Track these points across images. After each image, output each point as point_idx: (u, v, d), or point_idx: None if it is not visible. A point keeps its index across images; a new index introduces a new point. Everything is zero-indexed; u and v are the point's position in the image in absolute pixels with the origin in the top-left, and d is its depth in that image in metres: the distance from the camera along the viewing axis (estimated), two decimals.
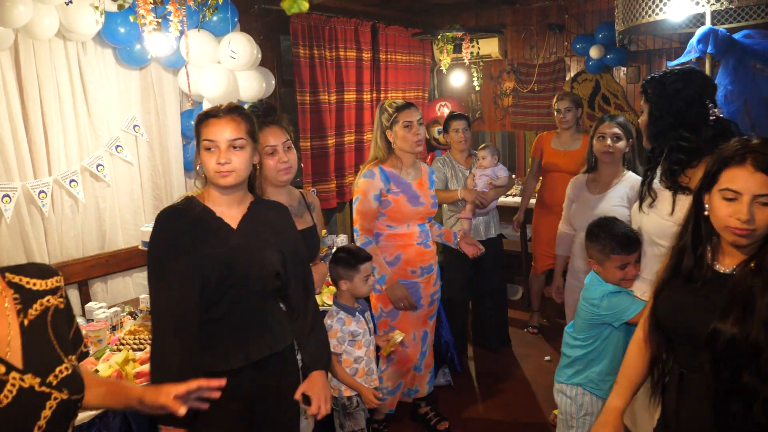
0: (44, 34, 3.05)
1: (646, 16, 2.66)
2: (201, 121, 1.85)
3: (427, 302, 3.07)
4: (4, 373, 1.15)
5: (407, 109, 2.92)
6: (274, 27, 4.54)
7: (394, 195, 2.91)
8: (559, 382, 2.42)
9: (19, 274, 1.29)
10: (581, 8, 5.42)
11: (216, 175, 1.81)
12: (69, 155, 3.41)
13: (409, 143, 2.90)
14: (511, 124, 6.12)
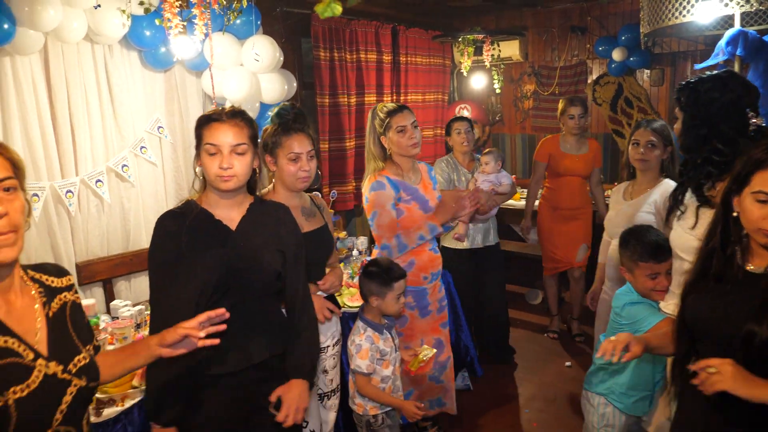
0: (73, 38, 3.11)
1: (673, 18, 2.63)
2: (203, 124, 1.84)
3: (436, 308, 3.01)
4: (32, 360, 1.24)
5: (400, 112, 2.82)
6: (295, 30, 4.58)
7: (406, 203, 2.83)
8: (585, 389, 2.39)
9: (39, 272, 1.40)
10: (604, 10, 5.38)
11: (217, 180, 1.81)
12: (95, 156, 3.47)
13: (404, 147, 2.81)
14: (531, 127, 6.10)
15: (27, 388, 1.20)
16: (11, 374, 1.19)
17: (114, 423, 2.09)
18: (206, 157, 1.82)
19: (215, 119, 1.83)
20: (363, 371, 2.42)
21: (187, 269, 1.78)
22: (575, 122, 4.18)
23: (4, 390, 1.17)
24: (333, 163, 4.88)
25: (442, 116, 6.07)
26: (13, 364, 1.20)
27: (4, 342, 1.21)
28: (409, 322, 2.93)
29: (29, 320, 1.29)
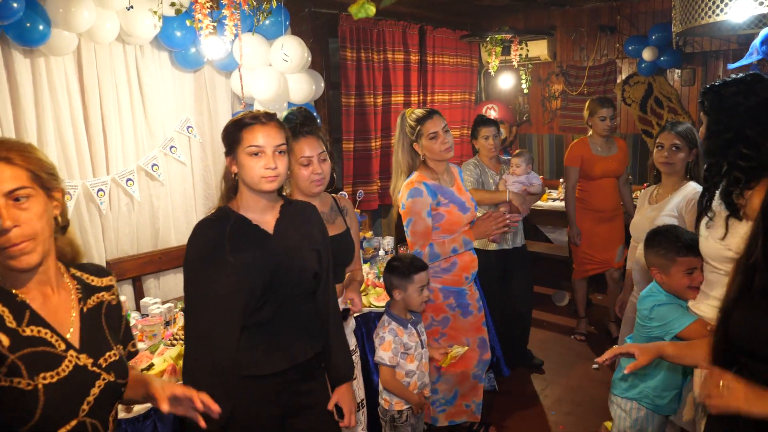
0: (106, 38, 3.17)
1: (706, 17, 2.57)
2: (244, 126, 1.82)
3: (476, 308, 3.01)
4: (64, 350, 1.30)
5: (430, 118, 2.81)
6: (323, 30, 4.60)
7: (445, 207, 2.82)
8: (614, 394, 2.34)
9: (81, 271, 1.45)
10: (634, 9, 5.30)
11: (262, 180, 1.81)
12: (126, 155, 3.53)
13: (438, 153, 2.80)
14: (558, 127, 6.04)
15: (57, 375, 1.25)
16: (42, 361, 1.25)
17: (144, 419, 2.12)
18: (248, 158, 1.80)
19: (256, 121, 1.82)
20: (386, 362, 2.45)
21: (232, 275, 1.78)
22: (606, 124, 4.12)
23: (34, 375, 1.22)
24: (358, 163, 4.89)
25: (469, 116, 6.04)
26: (45, 353, 1.26)
27: (37, 332, 1.27)
28: (451, 322, 2.94)
29: (64, 314, 1.34)
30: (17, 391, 1.20)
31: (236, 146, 1.82)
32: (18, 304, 1.26)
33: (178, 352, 2.38)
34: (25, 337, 1.24)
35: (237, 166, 1.84)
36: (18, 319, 1.25)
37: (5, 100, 2.99)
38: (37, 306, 1.29)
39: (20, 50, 3.01)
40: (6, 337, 1.21)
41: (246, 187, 1.86)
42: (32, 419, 1.21)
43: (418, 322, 2.62)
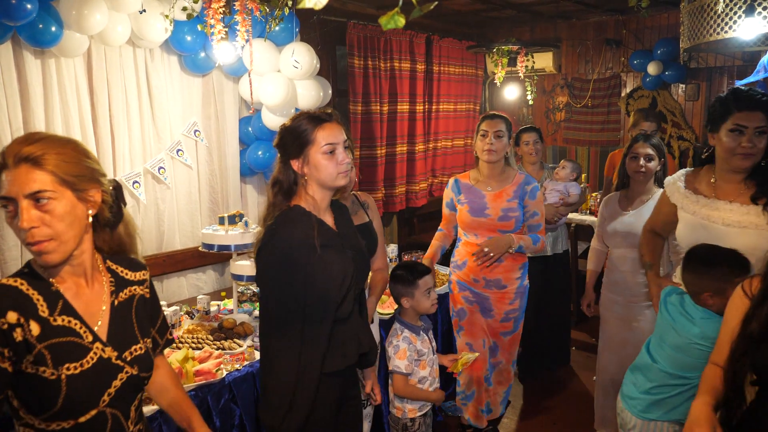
0: (117, 41, 3.19)
1: (714, 33, 2.59)
2: (316, 125, 1.82)
3: (500, 317, 3.02)
4: (90, 342, 1.33)
5: (490, 119, 2.98)
6: (330, 37, 4.62)
7: (461, 205, 3.02)
8: (646, 419, 2.14)
9: (117, 264, 1.48)
10: (640, 23, 5.34)
11: (339, 176, 1.85)
12: (133, 157, 3.54)
13: (478, 150, 2.99)
14: (562, 139, 6.06)
15: (80, 366, 1.29)
16: (68, 352, 1.29)
17: (150, 421, 2.11)
18: (323, 157, 1.81)
19: (326, 120, 1.85)
20: (402, 371, 2.46)
21: (325, 273, 1.80)
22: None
23: (59, 365, 1.26)
24: (364, 171, 4.91)
25: (473, 126, 6.05)
26: (72, 343, 1.30)
27: (67, 322, 1.31)
28: (468, 315, 3.02)
29: (95, 306, 1.38)
30: (41, 379, 1.25)
31: (307, 147, 1.82)
32: (52, 293, 1.31)
33: (185, 355, 2.37)
34: (54, 327, 1.28)
35: (309, 167, 1.83)
36: (51, 308, 1.29)
37: (15, 100, 3.01)
38: (71, 296, 1.33)
39: (31, 51, 3.03)
40: (37, 325, 1.25)
41: (318, 187, 1.86)
42: (54, 407, 1.26)
43: (429, 328, 2.63)
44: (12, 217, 1.25)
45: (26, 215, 1.24)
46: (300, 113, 1.90)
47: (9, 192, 1.24)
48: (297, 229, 1.80)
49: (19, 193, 1.24)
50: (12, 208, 1.25)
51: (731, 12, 2.45)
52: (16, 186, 1.24)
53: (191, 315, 3.04)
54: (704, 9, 2.59)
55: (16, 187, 1.24)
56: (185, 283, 3.91)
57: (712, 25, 2.57)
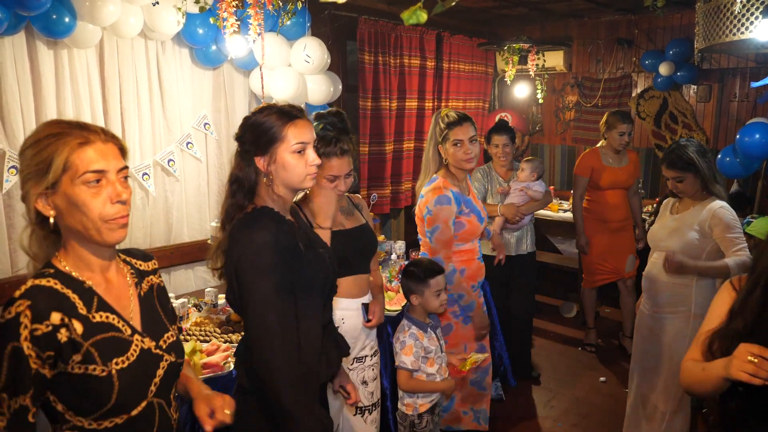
0: (129, 33, 3.19)
1: (730, 34, 2.58)
2: (287, 121, 1.66)
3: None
4: (130, 335, 1.34)
5: (459, 125, 2.75)
6: (341, 32, 4.61)
7: (466, 216, 2.82)
8: None
9: (129, 256, 1.50)
10: (652, 23, 5.31)
11: (307, 178, 1.70)
12: (143, 149, 3.55)
13: (458, 161, 2.78)
14: (571, 139, 6.04)
15: (127, 360, 1.30)
16: (113, 347, 1.29)
17: None
18: (292, 156, 1.67)
19: (297, 116, 1.69)
20: (407, 367, 2.46)
21: (309, 278, 1.72)
22: (624, 139, 4.12)
23: (108, 361, 1.26)
24: (372, 166, 4.90)
25: (482, 124, 6.05)
26: (115, 338, 1.30)
27: (105, 317, 1.31)
28: (453, 330, 2.95)
29: (125, 298, 1.38)
30: (93, 377, 1.24)
31: (275, 144, 1.66)
32: (86, 291, 1.30)
33: (192, 347, 2.38)
34: (95, 324, 1.28)
35: (274, 165, 1.68)
36: (87, 305, 1.29)
37: (28, 90, 3.01)
38: (102, 292, 1.33)
39: (44, 42, 3.03)
40: (80, 324, 1.25)
41: (282, 187, 1.71)
42: (108, 404, 1.26)
43: (437, 326, 2.63)
44: (95, 194, 1.26)
45: (123, 188, 1.29)
46: (268, 105, 1.73)
47: (103, 165, 1.27)
48: (277, 231, 1.65)
49: (112, 167, 1.28)
50: (101, 182, 1.27)
51: (748, 13, 2.43)
52: (110, 160, 1.28)
53: (199, 307, 3.05)
54: (720, 9, 2.58)
55: (110, 161, 1.28)
56: (193, 276, 3.92)
57: (728, 25, 2.56)
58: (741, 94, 4.97)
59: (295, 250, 1.69)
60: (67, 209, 1.26)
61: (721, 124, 5.12)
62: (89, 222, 1.26)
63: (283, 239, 1.65)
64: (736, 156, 3.74)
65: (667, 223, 2.86)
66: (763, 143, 3.51)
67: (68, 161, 1.24)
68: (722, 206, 2.67)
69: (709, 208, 2.68)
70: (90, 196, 1.26)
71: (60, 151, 1.24)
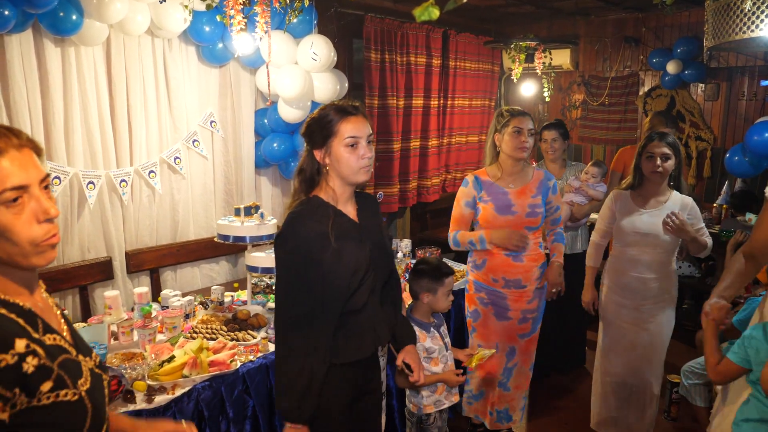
0: (136, 30, 3.19)
1: (740, 32, 2.55)
2: (341, 117, 1.83)
3: (517, 318, 2.98)
4: (76, 355, 1.17)
5: (522, 116, 2.90)
6: (347, 30, 4.61)
7: (484, 203, 2.92)
8: None
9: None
10: (660, 21, 5.28)
11: (361, 171, 1.85)
12: (150, 147, 3.55)
13: (509, 147, 2.87)
14: (578, 137, 6.02)
15: (86, 381, 1.15)
16: (72, 368, 1.13)
17: (164, 410, 2.13)
18: (345, 150, 1.82)
19: (351, 113, 1.84)
20: None
21: (337, 264, 1.82)
22: None
23: (75, 382, 1.11)
24: (379, 165, 4.90)
25: (488, 122, 6.04)
26: (69, 360, 1.14)
27: (54, 339, 1.13)
28: (482, 318, 2.98)
29: (55, 318, 1.20)
30: (64, 404, 1.08)
31: (331, 138, 1.83)
32: (27, 313, 1.10)
33: (199, 345, 2.38)
34: (50, 346, 1.10)
35: (331, 158, 1.84)
36: (35, 328, 1.10)
37: (35, 87, 3.02)
38: (39, 312, 1.14)
39: (52, 39, 3.04)
40: (40, 348, 1.07)
41: (338, 179, 1.87)
42: (83, 430, 1.12)
43: (441, 325, 2.62)
44: (17, 214, 1.05)
45: (48, 202, 1.08)
46: (329, 104, 1.90)
47: (23, 179, 1.04)
48: (312, 221, 1.82)
49: (33, 179, 1.07)
50: (22, 199, 1.05)
51: (758, 11, 2.41)
52: (29, 170, 1.06)
53: (205, 305, 3.05)
54: (730, 7, 2.55)
55: (29, 172, 1.06)
56: (198, 273, 3.93)
57: (738, 23, 2.54)
58: (749, 93, 4.94)
59: (324, 240, 1.80)
60: None
61: (729, 123, 5.09)
62: (14, 248, 1.05)
63: (315, 227, 1.81)
64: (744, 155, 3.72)
65: (640, 217, 2.89)
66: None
67: None
68: (690, 199, 2.91)
69: (685, 202, 2.87)
70: (12, 219, 1.04)
71: None
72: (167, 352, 2.38)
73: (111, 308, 2.79)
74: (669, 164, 2.85)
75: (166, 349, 2.42)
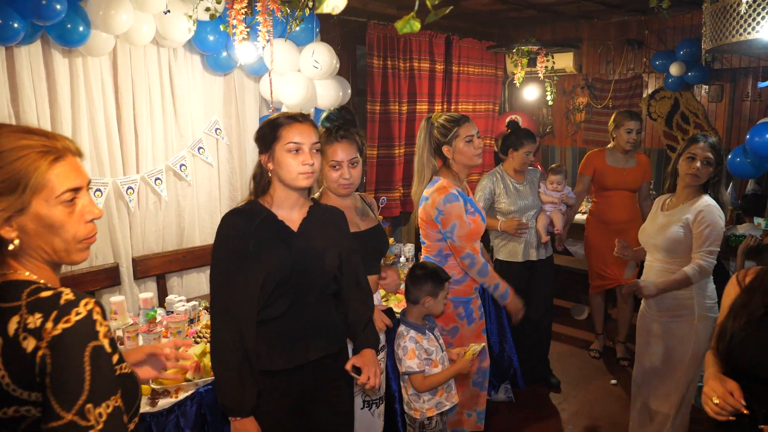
0: (142, 41, 3.25)
1: (737, 35, 2.58)
2: (282, 124, 1.90)
3: (478, 315, 3.03)
4: None
5: (467, 122, 2.83)
6: (350, 37, 4.65)
7: (472, 215, 2.84)
8: None
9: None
10: (662, 24, 5.29)
11: (300, 177, 1.90)
12: (156, 154, 3.61)
13: (471, 157, 2.82)
14: (582, 140, 6.03)
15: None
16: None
17: (168, 414, 2.16)
18: (286, 155, 1.88)
19: (295, 120, 1.91)
20: (415, 369, 2.49)
21: (253, 266, 1.86)
22: (632, 137, 4.09)
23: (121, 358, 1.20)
24: (381, 170, 4.93)
25: (492, 126, 6.06)
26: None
27: None
28: (460, 331, 2.97)
29: None
30: (129, 376, 1.20)
31: (274, 143, 1.89)
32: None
33: (202, 349, 2.42)
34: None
35: (273, 163, 1.91)
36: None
37: (44, 97, 3.08)
38: None
39: (60, 50, 3.10)
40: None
41: (280, 184, 1.94)
42: (137, 401, 1.23)
43: (434, 327, 2.65)
44: (70, 213, 1.17)
45: (94, 204, 1.22)
46: (280, 112, 1.99)
47: (79, 182, 1.18)
48: (240, 219, 1.90)
49: (85, 183, 1.20)
50: (75, 200, 1.18)
51: (754, 13, 2.43)
52: (82, 175, 1.20)
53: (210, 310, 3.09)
54: (727, 10, 2.57)
55: (83, 177, 1.20)
56: (204, 279, 3.98)
57: (734, 26, 2.56)
58: (753, 94, 4.94)
59: (243, 240, 1.87)
60: (37, 231, 1.14)
61: (733, 125, 5.09)
62: (61, 243, 1.17)
63: (240, 227, 1.88)
64: (746, 156, 3.72)
65: (657, 220, 2.85)
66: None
67: (44, 180, 1.12)
68: (710, 204, 2.67)
69: (697, 206, 2.69)
70: (66, 216, 1.16)
71: (34, 168, 1.12)
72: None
73: (117, 313, 2.84)
74: (709, 170, 2.70)
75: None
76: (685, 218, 2.70)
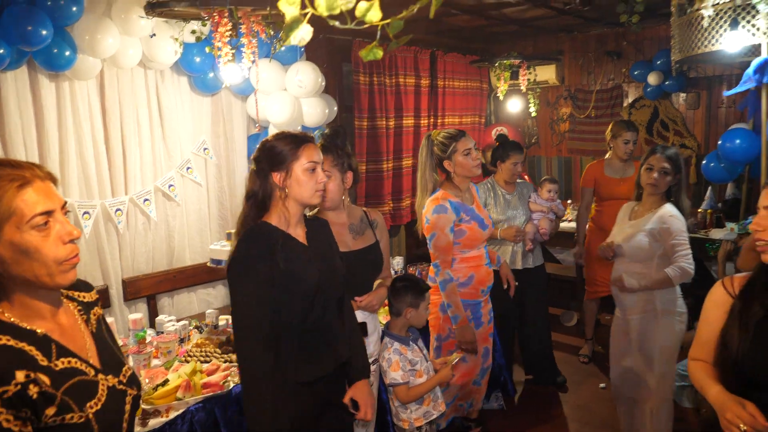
0: (128, 64, 3.30)
1: (702, 46, 2.67)
2: (300, 144, 1.92)
3: (487, 319, 3.15)
4: (95, 375, 1.27)
5: (463, 136, 2.98)
6: (337, 55, 4.72)
7: (467, 223, 2.96)
8: None
9: (71, 290, 1.39)
10: (639, 35, 5.40)
11: (316, 194, 1.95)
12: (144, 175, 3.64)
13: (470, 169, 2.97)
14: (567, 150, 6.12)
15: (99, 401, 1.24)
16: (83, 391, 1.22)
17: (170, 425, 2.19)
18: (304, 174, 1.91)
19: (310, 140, 1.96)
20: (399, 381, 2.52)
21: (291, 285, 1.89)
22: (629, 147, 4.17)
23: (83, 405, 1.20)
24: (370, 184, 4.99)
25: (479, 139, 6.14)
26: (82, 382, 1.23)
27: (68, 362, 1.22)
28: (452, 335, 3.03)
29: (80, 339, 1.31)
30: (70, 427, 1.17)
31: (291, 162, 1.91)
32: (41, 340, 1.21)
33: (192, 368, 2.45)
34: (60, 371, 1.20)
35: (290, 180, 1.91)
36: (47, 355, 1.20)
37: (30, 122, 3.12)
38: (57, 337, 1.24)
39: (46, 75, 3.15)
40: (45, 376, 1.16)
41: (293, 202, 1.95)
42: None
43: (418, 338, 2.69)
44: (45, 237, 1.18)
45: (70, 225, 1.21)
46: (285, 131, 2.01)
47: (49, 205, 1.18)
48: (261, 245, 1.88)
49: (57, 205, 1.20)
50: (49, 223, 1.18)
51: (717, 26, 2.52)
52: (53, 198, 1.20)
53: (200, 329, 3.12)
54: (692, 23, 2.67)
55: (54, 199, 1.19)
56: (195, 299, 4.00)
57: (699, 38, 2.66)
58: (728, 101, 5.06)
59: (273, 263, 1.86)
60: (14, 258, 1.16)
61: (710, 130, 5.20)
62: (42, 268, 1.17)
63: (264, 252, 1.87)
64: (720, 161, 3.82)
65: (624, 229, 2.97)
66: (744, 148, 3.60)
67: (12, 207, 1.14)
68: (672, 214, 2.80)
69: (660, 216, 2.81)
70: (41, 240, 1.17)
71: (0, 196, 1.13)
72: (161, 376, 2.44)
73: None
74: (667, 180, 2.84)
75: (160, 373, 2.48)
76: (649, 228, 2.84)
